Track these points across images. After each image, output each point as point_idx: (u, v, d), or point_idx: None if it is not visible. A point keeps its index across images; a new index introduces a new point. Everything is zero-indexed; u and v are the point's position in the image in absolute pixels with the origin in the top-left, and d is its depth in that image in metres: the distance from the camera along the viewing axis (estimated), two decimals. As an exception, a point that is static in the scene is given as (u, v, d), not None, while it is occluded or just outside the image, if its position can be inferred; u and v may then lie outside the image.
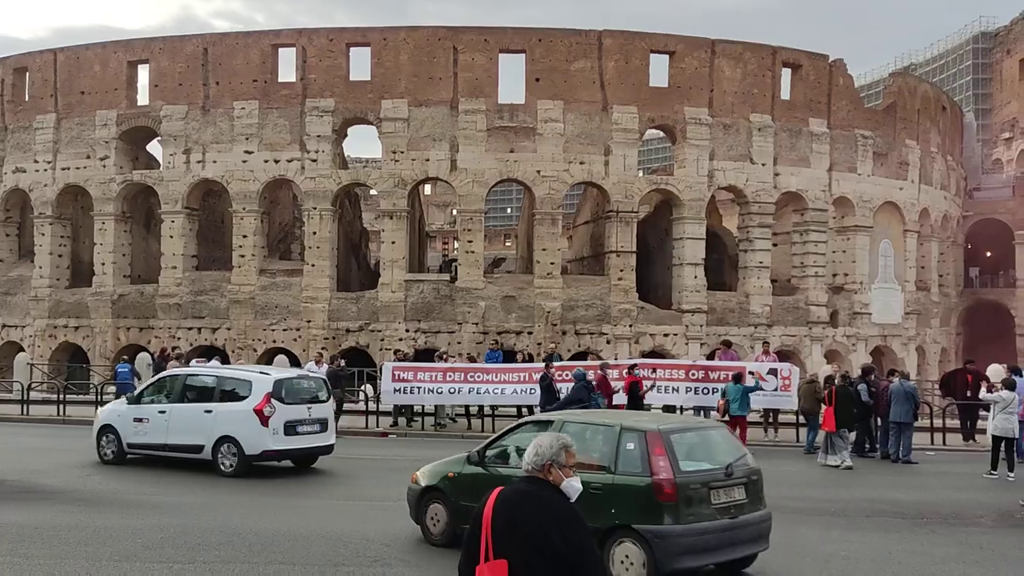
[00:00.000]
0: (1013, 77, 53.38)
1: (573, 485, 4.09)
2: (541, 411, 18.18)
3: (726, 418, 16.74)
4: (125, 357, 26.88)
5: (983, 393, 16.98)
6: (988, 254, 49.36)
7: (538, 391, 18.85)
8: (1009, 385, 16.38)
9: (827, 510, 11.91)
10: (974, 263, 48.87)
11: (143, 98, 34.67)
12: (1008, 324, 46.48)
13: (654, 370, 19.55)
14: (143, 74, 34.70)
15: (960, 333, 45.96)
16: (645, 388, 18.01)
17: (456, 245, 45.28)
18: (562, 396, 17.77)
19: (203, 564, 8.11)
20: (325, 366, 20.91)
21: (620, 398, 18.09)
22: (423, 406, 20.71)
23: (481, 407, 20.99)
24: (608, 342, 32.35)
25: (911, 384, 18.51)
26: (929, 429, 19.50)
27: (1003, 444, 15.61)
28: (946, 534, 10.43)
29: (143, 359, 26.76)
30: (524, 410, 20.81)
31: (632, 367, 18.79)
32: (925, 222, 40.32)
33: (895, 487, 14.16)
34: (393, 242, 32.89)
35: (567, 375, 18.88)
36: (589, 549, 3.90)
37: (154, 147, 36.25)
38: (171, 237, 33.46)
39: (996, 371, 19.71)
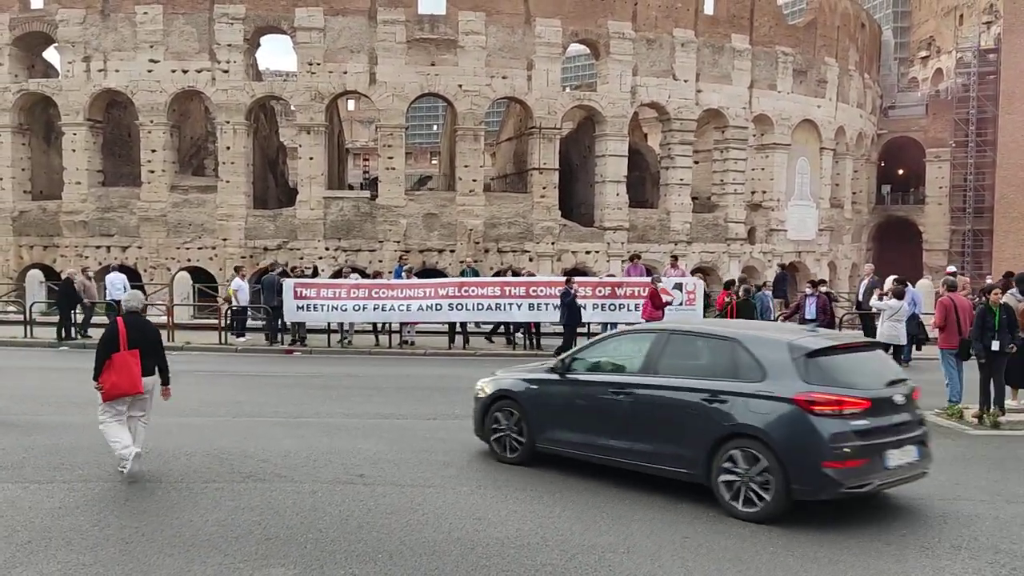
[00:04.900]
0: (933, -5, 53.76)
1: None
2: (564, 328, 18.55)
3: None
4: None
5: (873, 301, 17.74)
6: (900, 172, 50.73)
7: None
8: (898, 295, 17.19)
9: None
10: (887, 180, 50.19)
11: (37, 1, 32.41)
12: (916, 239, 48.27)
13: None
14: (36, -26, 32.37)
15: (870, 248, 47.60)
16: (666, 300, 18.39)
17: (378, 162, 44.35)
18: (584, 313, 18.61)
19: (63, 484, 7.90)
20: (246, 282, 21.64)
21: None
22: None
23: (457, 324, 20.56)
24: (530, 260, 32.49)
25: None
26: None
27: (890, 350, 16.43)
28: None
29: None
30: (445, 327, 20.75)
31: (656, 278, 19.00)
32: (841, 140, 41.06)
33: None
34: (311, 158, 32.06)
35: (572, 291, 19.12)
36: (161, 340, 8.83)
37: (51, 54, 34.17)
38: (74, 151, 31.97)
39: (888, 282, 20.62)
